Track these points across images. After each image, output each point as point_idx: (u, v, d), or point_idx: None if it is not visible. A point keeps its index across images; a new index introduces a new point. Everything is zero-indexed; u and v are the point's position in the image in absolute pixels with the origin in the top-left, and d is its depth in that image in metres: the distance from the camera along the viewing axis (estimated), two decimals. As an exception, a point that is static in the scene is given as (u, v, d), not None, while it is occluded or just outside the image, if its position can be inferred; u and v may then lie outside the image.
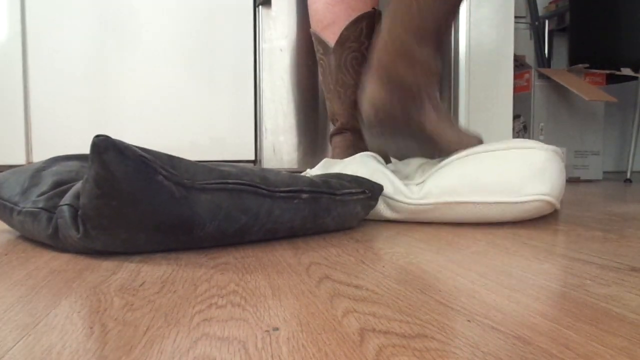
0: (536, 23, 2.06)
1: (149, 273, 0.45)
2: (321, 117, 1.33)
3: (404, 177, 0.78)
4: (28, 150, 1.22)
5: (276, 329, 0.31)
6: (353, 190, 0.67)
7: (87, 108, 1.23)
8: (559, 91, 1.73)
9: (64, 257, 0.52)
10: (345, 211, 0.67)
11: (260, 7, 1.29)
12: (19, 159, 1.21)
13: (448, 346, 0.28)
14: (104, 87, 1.23)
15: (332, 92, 0.88)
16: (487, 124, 1.42)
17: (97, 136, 0.48)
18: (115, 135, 1.23)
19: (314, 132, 1.33)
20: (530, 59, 2.05)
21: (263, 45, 1.29)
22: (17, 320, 0.33)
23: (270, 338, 0.29)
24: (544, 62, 2.06)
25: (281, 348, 0.28)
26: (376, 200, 0.73)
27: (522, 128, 1.76)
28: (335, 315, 0.33)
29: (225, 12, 1.27)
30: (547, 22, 2.20)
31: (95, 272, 0.46)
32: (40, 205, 0.57)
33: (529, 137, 1.73)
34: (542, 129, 1.73)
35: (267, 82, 1.30)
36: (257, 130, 1.32)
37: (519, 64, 1.79)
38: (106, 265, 0.49)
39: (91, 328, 0.31)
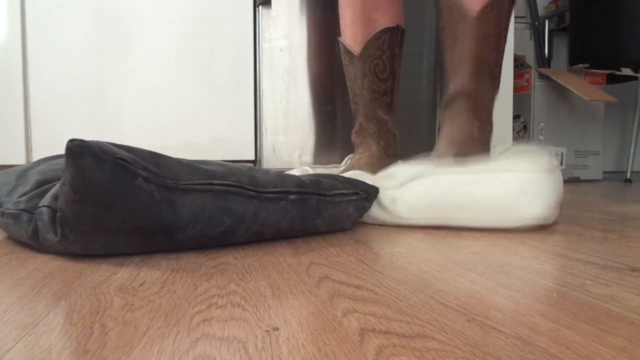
0: (536, 23, 2.06)
1: (149, 273, 0.45)
2: (321, 116, 1.33)
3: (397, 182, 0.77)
4: (28, 150, 1.22)
5: (276, 329, 0.31)
6: (345, 191, 0.66)
7: (87, 108, 1.23)
8: (559, 91, 1.73)
9: (64, 257, 0.52)
10: (337, 212, 0.65)
11: (260, 7, 1.29)
12: (19, 159, 1.21)
13: (448, 346, 0.28)
14: (103, 87, 1.23)
15: (357, 95, 0.97)
16: (487, 124, 1.41)
17: (72, 140, 0.46)
18: (115, 135, 1.23)
19: (314, 132, 1.33)
20: (530, 59, 2.05)
21: (263, 45, 1.29)
22: (17, 320, 0.33)
23: (270, 338, 0.29)
24: (544, 62, 2.06)
25: (281, 348, 0.28)
26: (371, 202, 0.72)
27: (522, 128, 1.76)
28: (335, 315, 0.33)
29: (225, 12, 1.27)
30: (547, 22, 2.20)
31: (95, 272, 0.46)
32: (22, 206, 0.55)
33: (529, 137, 1.73)
34: (542, 129, 1.72)
35: (267, 82, 1.30)
36: (257, 130, 1.32)
37: (519, 64, 1.79)
38: (106, 265, 0.49)
39: (91, 328, 0.31)
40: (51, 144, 1.22)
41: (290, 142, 1.31)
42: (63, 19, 1.21)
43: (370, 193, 0.71)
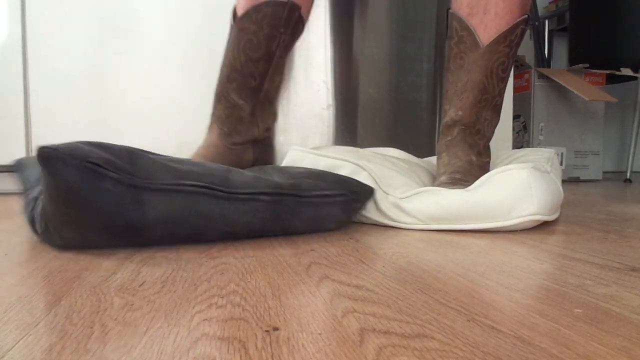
0: (536, 23, 2.06)
1: (149, 273, 0.45)
2: (321, 116, 1.33)
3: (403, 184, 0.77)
4: (28, 150, 1.22)
5: (276, 329, 0.31)
6: (328, 192, 0.65)
7: (87, 108, 1.23)
8: (559, 91, 1.73)
9: (64, 257, 0.52)
10: (318, 213, 0.65)
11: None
12: (19, 159, 1.21)
13: (448, 346, 0.28)
14: (103, 87, 1.23)
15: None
16: (487, 124, 1.41)
17: (42, 147, 0.50)
18: (115, 135, 1.23)
19: (314, 132, 1.33)
20: (530, 59, 2.05)
21: (263, 45, 1.29)
22: (17, 320, 0.33)
23: (270, 338, 0.29)
24: (543, 62, 2.06)
25: (281, 348, 0.28)
26: (363, 202, 0.71)
27: (522, 128, 1.76)
28: (335, 315, 0.33)
29: (225, 12, 1.27)
30: (547, 22, 2.20)
31: (95, 272, 0.46)
32: (31, 195, 0.59)
33: (529, 137, 1.73)
34: (542, 129, 1.72)
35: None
36: (257, 130, 1.32)
37: (519, 64, 1.79)
38: (106, 265, 0.49)
39: (91, 328, 0.31)
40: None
41: (290, 142, 1.31)
42: (63, 19, 1.21)
43: (361, 193, 0.70)
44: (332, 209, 0.66)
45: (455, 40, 0.81)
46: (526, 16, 0.78)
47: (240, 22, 0.80)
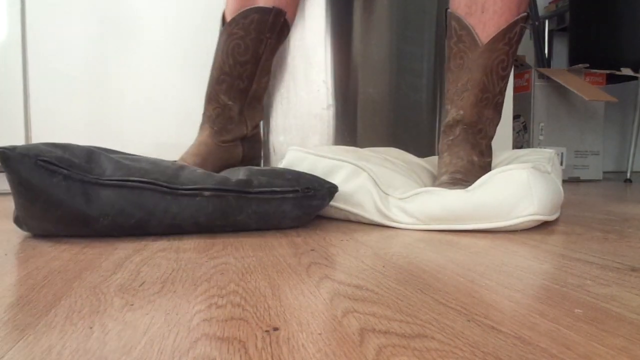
0: (536, 23, 2.06)
1: (149, 273, 0.45)
2: (322, 116, 1.33)
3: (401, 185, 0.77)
4: (28, 150, 1.22)
5: (276, 329, 0.31)
6: (277, 189, 0.67)
7: (87, 108, 1.23)
8: (559, 91, 1.73)
9: (64, 257, 0.52)
10: (267, 209, 0.67)
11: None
12: (19, 159, 1.21)
13: (448, 346, 0.28)
14: (103, 87, 1.23)
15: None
16: (487, 124, 1.41)
17: (1, 148, 0.58)
18: (114, 134, 1.23)
19: (314, 132, 1.33)
20: (530, 58, 2.05)
21: (263, 45, 1.29)
22: (17, 320, 0.33)
23: (270, 338, 0.29)
24: (544, 62, 2.06)
25: (281, 348, 0.28)
26: (322, 199, 0.71)
27: (522, 128, 1.76)
28: (335, 315, 0.33)
29: (225, 12, 1.27)
30: (547, 22, 2.20)
31: (95, 272, 0.46)
32: None
33: (529, 137, 1.73)
34: (542, 129, 1.72)
35: (267, 82, 1.29)
36: (257, 130, 1.32)
37: (519, 64, 1.79)
38: (106, 265, 0.49)
39: (91, 328, 0.31)
40: (51, 144, 1.22)
41: (290, 142, 1.31)
42: (63, 19, 1.21)
43: (319, 190, 0.70)
44: (281, 204, 0.68)
45: (455, 40, 0.81)
46: (525, 14, 0.78)
47: (228, 27, 0.83)
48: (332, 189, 0.72)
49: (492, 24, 0.77)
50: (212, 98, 0.86)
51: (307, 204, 0.70)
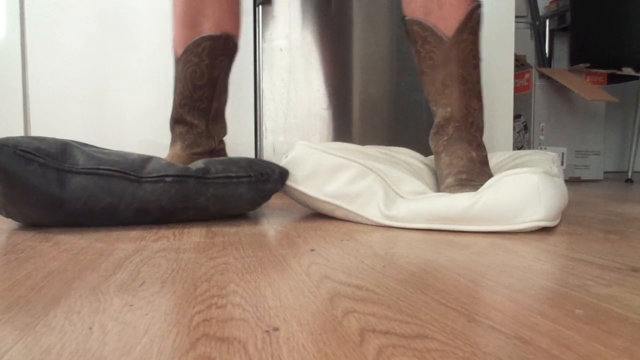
0: (537, 22, 2.06)
1: (149, 273, 0.45)
2: (322, 117, 1.33)
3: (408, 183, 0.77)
4: (28, 150, 1.22)
5: (276, 329, 0.31)
6: (232, 175, 0.74)
7: (87, 108, 1.23)
8: (560, 91, 1.73)
9: (64, 257, 0.52)
10: (225, 192, 0.74)
11: (260, 6, 1.29)
12: (20, 158, 1.21)
13: (448, 346, 0.28)
14: (103, 86, 1.23)
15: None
16: (487, 124, 1.41)
17: None
18: (114, 134, 1.23)
19: (314, 132, 1.33)
20: (530, 58, 2.05)
21: (263, 45, 1.29)
22: (16, 321, 0.33)
23: (270, 338, 0.29)
24: (544, 61, 2.06)
25: (281, 348, 0.28)
26: (275, 183, 0.77)
27: (523, 128, 1.76)
28: (335, 315, 0.33)
29: (226, 12, 1.27)
30: (547, 21, 2.19)
31: (95, 273, 0.46)
32: None
33: (529, 137, 1.73)
34: (542, 129, 1.72)
35: (267, 82, 1.30)
36: (257, 130, 1.32)
37: (520, 64, 1.79)
38: (106, 265, 0.49)
39: (91, 328, 0.31)
40: (51, 144, 1.22)
41: (290, 142, 1.31)
42: (63, 19, 1.21)
43: (271, 175, 0.77)
44: (237, 188, 0.75)
45: (420, 43, 0.83)
46: (478, 2, 0.81)
47: (184, 56, 0.90)
48: (283, 173, 0.78)
49: (452, 17, 0.79)
50: (179, 120, 0.92)
51: (261, 187, 0.77)
